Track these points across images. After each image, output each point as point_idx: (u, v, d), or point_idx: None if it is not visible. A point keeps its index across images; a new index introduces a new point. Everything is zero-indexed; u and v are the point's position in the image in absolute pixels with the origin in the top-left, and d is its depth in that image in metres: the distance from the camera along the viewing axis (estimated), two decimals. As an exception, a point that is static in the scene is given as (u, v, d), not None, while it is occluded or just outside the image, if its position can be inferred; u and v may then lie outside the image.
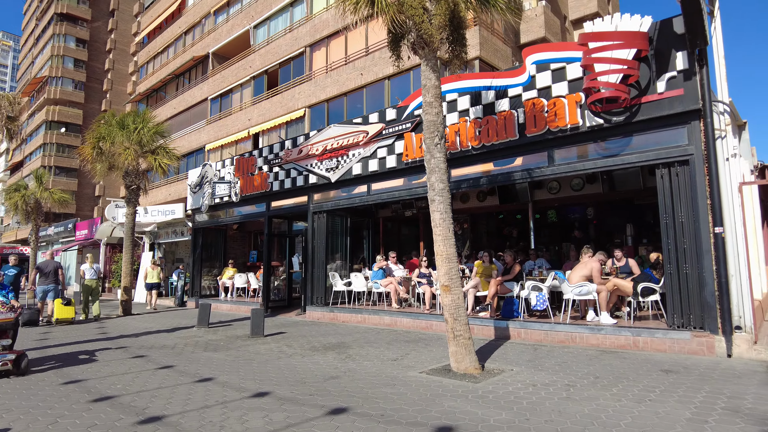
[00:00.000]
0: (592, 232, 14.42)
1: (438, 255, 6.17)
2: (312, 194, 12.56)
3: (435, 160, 6.29)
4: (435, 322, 9.49)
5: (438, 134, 6.32)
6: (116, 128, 13.48)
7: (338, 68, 19.03)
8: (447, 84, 9.66)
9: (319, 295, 12.08)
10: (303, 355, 7.23)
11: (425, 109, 6.42)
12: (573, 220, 14.69)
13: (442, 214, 6.19)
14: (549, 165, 8.43)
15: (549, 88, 8.34)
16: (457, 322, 5.98)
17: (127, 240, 14.11)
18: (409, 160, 10.17)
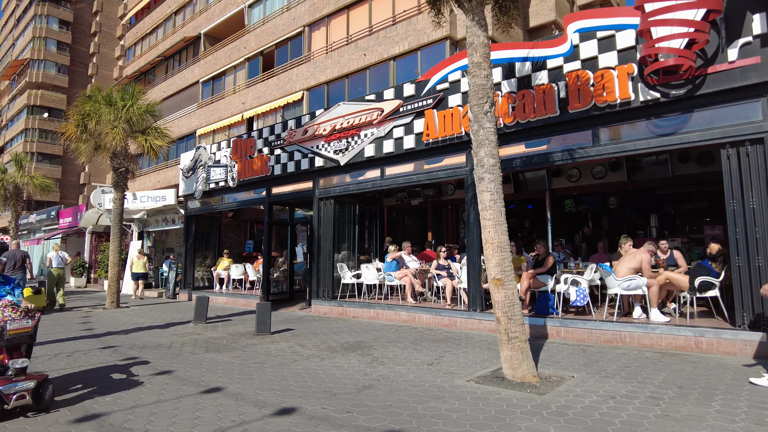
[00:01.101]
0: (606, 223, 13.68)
1: (488, 243, 5.26)
2: (318, 179, 11.57)
3: (484, 130, 5.36)
4: (459, 319, 8.61)
5: (488, 100, 5.39)
6: (103, 105, 12.31)
7: (339, 48, 17.96)
8: (474, 56, 8.72)
9: (325, 288, 11.13)
10: (321, 357, 6.30)
11: (472, 71, 5.48)
12: (591, 210, 13.92)
13: (492, 194, 5.27)
14: (594, 145, 7.55)
15: (595, 58, 7.44)
16: (512, 323, 5.09)
17: (115, 227, 13.01)
18: (430, 140, 9.22)
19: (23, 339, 4.25)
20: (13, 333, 4.13)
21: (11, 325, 4.11)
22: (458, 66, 8.86)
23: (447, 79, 9.01)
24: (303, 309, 11.67)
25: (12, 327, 4.12)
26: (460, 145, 8.90)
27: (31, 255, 23.65)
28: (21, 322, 4.20)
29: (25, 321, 4.24)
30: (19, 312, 4.30)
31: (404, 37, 16.00)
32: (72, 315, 11.30)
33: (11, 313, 4.26)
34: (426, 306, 9.40)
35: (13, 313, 4.27)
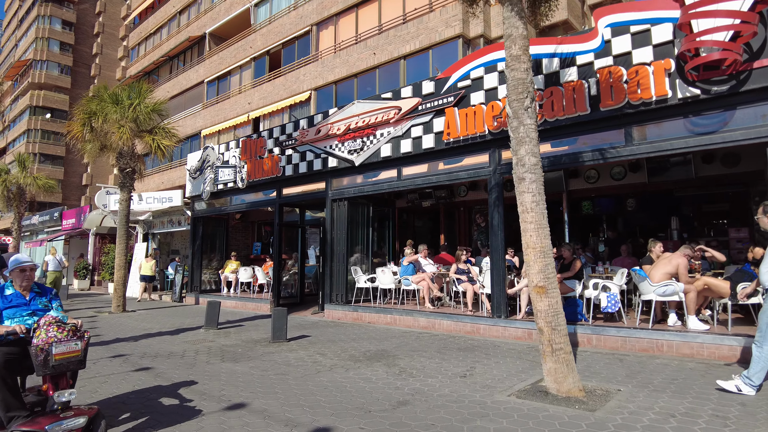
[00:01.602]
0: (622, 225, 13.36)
1: (529, 248, 4.92)
2: (331, 179, 11.24)
3: (525, 127, 5.02)
4: (482, 326, 8.26)
5: (528, 95, 5.06)
6: (109, 103, 11.99)
7: (348, 48, 17.64)
8: (498, 51, 8.37)
9: (339, 292, 10.79)
10: (345, 367, 5.96)
11: (511, 64, 5.14)
12: (609, 212, 13.59)
13: (534, 195, 4.93)
14: (626, 144, 7.21)
15: (628, 54, 7.10)
16: (556, 333, 4.74)
17: (121, 229, 12.68)
18: (450, 140, 8.88)
19: (71, 365, 3.44)
20: (60, 358, 3.34)
21: (57, 349, 3.33)
22: (480, 63, 8.53)
23: (469, 76, 8.68)
24: (315, 314, 11.33)
25: (59, 351, 3.33)
26: (483, 145, 8.56)
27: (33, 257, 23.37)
28: (69, 344, 3.39)
29: (74, 343, 3.43)
30: (66, 331, 3.45)
31: (415, 35, 15.69)
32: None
33: (56, 333, 3.40)
34: (446, 312, 9.05)
35: (59, 333, 3.41)
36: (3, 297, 3.76)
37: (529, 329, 7.76)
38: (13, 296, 3.79)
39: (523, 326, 7.85)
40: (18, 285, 3.84)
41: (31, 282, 3.90)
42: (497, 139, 8.33)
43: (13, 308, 3.71)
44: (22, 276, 3.84)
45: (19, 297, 3.80)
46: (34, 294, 3.91)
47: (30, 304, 3.81)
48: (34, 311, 3.79)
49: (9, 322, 3.66)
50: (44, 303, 3.93)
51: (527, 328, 7.80)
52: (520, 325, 7.88)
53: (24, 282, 3.84)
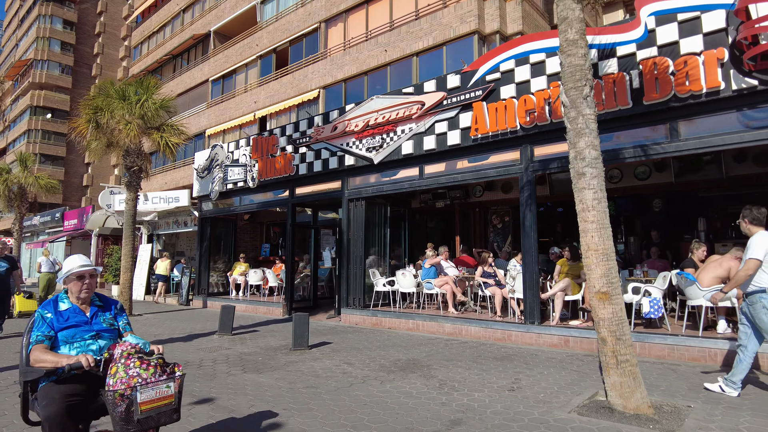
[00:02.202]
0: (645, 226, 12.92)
1: (589, 250, 4.48)
2: (347, 178, 10.79)
3: (584, 117, 4.59)
4: (514, 332, 7.81)
5: (587, 83, 4.62)
6: (116, 99, 11.54)
7: (358, 45, 17.23)
8: (530, 43, 7.95)
9: (356, 295, 10.34)
10: (378, 379, 5.50)
11: (567, 50, 4.71)
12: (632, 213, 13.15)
13: (596, 192, 4.49)
14: (672, 140, 6.77)
15: (675, 44, 6.66)
16: (621, 344, 4.29)
17: (128, 229, 12.22)
18: (478, 136, 8.44)
19: (163, 417, 2.47)
20: (149, 408, 2.39)
21: (144, 394, 2.38)
22: (511, 54, 8.08)
23: (498, 68, 8.24)
24: (331, 318, 10.87)
25: (146, 397, 2.38)
26: (514, 141, 8.12)
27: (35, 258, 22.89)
28: (159, 387, 2.44)
29: (165, 385, 2.46)
30: (152, 367, 2.49)
31: (428, 32, 15.28)
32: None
33: (140, 370, 2.45)
34: (474, 317, 8.60)
35: (144, 370, 2.45)
36: (58, 314, 2.82)
37: (565, 336, 7.32)
38: (71, 312, 2.86)
39: (559, 333, 7.40)
40: (75, 297, 2.91)
41: (92, 292, 2.97)
42: (529, 134, 7.90)
43: (71, 329, 2.79)
44: (80, 285, 2.89)
45: (78, 313, 2.88)
46: (95, 308, 2.97)
47: (92, 323, 2.89)
48: (98, 333, 2.88)
49: (67, 348, 2.75)
50: (109, 320, 2.98)
51: (563, 335, 7.35)
52: (555, 332, 7.43)
53: (83, 293, 2.90)
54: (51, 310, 2.84)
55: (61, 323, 2.79)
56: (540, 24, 16.11)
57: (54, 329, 2.76)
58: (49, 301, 2.91)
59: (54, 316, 2.81)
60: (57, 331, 2.76)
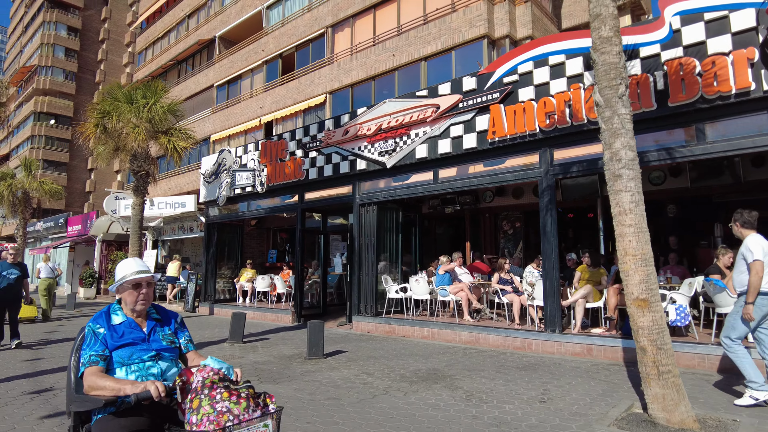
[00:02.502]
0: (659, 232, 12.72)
1: (627, 255, 4.29)
2: (358, 183, 10.61)
3: (619, 117, 4.40)
4: (534, 341, 7.59)
5: (622, 81, 4.45)
6: (123, 102, 11.41)
7: (365, 50, 17.12)
8: (549, 44, 7.82)
9: (368, 302, 10.13)
10: (402, 390, 5.29)
11: (600, 47, 4.54)
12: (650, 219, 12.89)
13: (633, 195, 4.31)
14: (698, 142, 6.59)
15: (702, 44, 6.50)
16: (662, 353, 4.08)
17: (134, 235, 12.04)
18: (496, 139, 8.26)
19: None
20: None
21: None
22: (529, 56, 7.96)
23: (516, 70, 8.08)
24: (342, 326, 10.65)
25: None
26: (533, 144, 7.94)
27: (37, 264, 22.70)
28: (256, 427, 1.91)
29: (262, 423, 1.93)
30: (242, 399, 1.94)
31: (437, 36, 15.17)
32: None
33: (229, 403, 1.91)
34: (492, 325, 8.38)
35: (234, 403, 1.91)
36: (111, 329, 2.35)
37: (588, 345, 7.10)
38: (125, 327, 2.38)
39: (581, 341, 7.18)
40: (130, 309, 2.42)
41: (149, 303, 2.47)
42: (549, 137, 7.73)
43: (128, 347, 2.31)
44: (136, 295, 2.40)
45: (134, 328, 2.39)
46: (152, 323, 2.47)
47: (150, 340, 2.40)
48: (159, 352, 2.37)
49: (123, 371, 2.28)
50: (168, 337, 2.48)
51: (586, 344, 7.13)
52: (577, 340, 7.21)
53: (139, 304, 2.40)
54: (103, 323, 2.35)
55: (116, 340, 2.30)
56: (549, 28, 16.02)
57: (108, 347, 2.27)
58: (100, 313, 2.42)
59: (107, 331, 2.32)
60: (111, 350, 2.27)
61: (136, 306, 2.40)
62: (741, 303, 4.63)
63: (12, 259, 8.01)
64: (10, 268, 7.89)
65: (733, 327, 4.68)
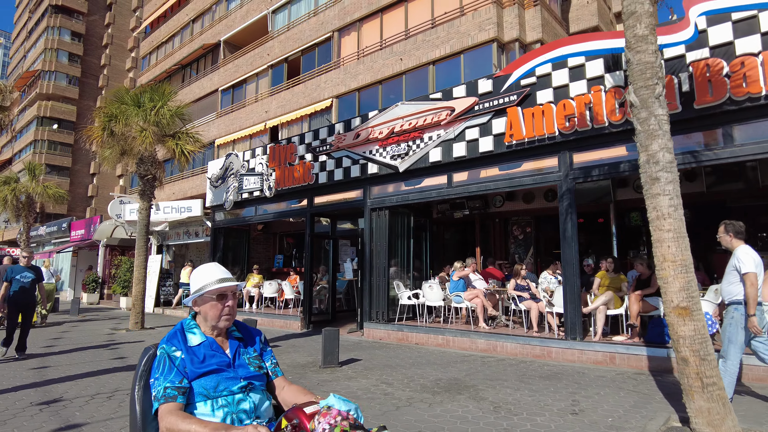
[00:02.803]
0: None
1: (666, 261, 4.10)
2: (369, 187, 10.45)
3: (656, 118, 4.23)
4: (554, 349, 7.38)
5: (659, 81, 4.27)
6: (131, 106, 11.27)
7: (372, 54, 17.02)
8: (568, 46, 7.65)
9: (380, 309, 9.93)
10: (425, 401, 5.09)
11: (635, 46, 4.37)
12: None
13: (672, 198, 4.13)
14: (725, 145, 6.43)
15: (730, 44, 6.35)
16: (705, 364, 3.89)
17: (140, 239, 11.86)
18: (513, 142, 8.10)
19: None
20: None
21: None
22: (548, 58, 7.78)
23: (534, 72, 7.93)
24: (353, 332, 10.44)
25: None
26: (552, 147, 7.78)
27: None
28: None
29: None
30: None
31: (445, 40, 15.06)
32: (94, 337, 10.10)
33: None
34: (509, 333, 8.18)
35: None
36: (189, 351, 1.90)
37: (611, 353, 6.90)
38: (206, 349, 1.93)
39: (603, 349, 6.98)
40: (210, 326, 1.98)
41: (233, 319, 2.04)
42: (569, 140, 7.56)
43: (212, 376, 1.86)
44: (220, 308, 1.97)
45: (216, 351, 1.94)
46: (236, 343, 2.03)
47: (235, 365, 1.95)
48: (249, 382, 1.92)
49: (209, 406, 1.83)
50: (255, 361, 2.02)
51: (608, 352, 6.93)
52: (600, 348, 7.01)
53: (223, 320, 1.97)
54: (180, 345, 1.88)
55: (197, 366, 1.85)
56: (559, 32, 15.91)
57: (188, 376, 1.82)
58: (174, 332, 1.95)
59: (186, 355, 1.86)
60: (192, 380, 1.82)
61: (219, 322, 1.95)
62: (731, 314, 4.58)
63: (26, 262, 7.73)
64: (23, 271, 7.62)
65: (729, 340, 4.55)
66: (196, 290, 1.97)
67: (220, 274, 2.01)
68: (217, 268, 2.06)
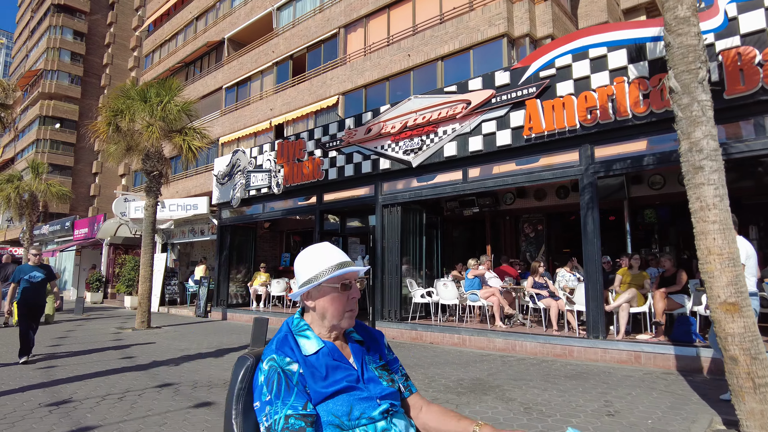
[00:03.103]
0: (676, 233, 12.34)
1: (711, 254, 3.88)
2: (381, 183, 10.24)
3: (699, 104, 4.02)
4: (576, 347, 7.16)
5: (702, 65, 4.06)
6: (137, 101, 11.07)
7: (379, 50, 16.80)
8: (588, 37, 7.44)
9: (392, 307, 9.72)
10: (451, 402, 4.87)
11: (676, 28, 4.15)
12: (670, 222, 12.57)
13: (717, 188, 3.91)
14: (758, 136, 6.21)
15: (762, 32, 6.12)
16: (757, 363, 3.67)
17: (147, 237, 11.67)
18: (533, 135, 7.88)
19: None
20: None
21: None
22: (568, 50, 7.56)
23: (553, 64, 7.71)
24: (364, 332, 10.23)
25: None
26: (572, 140, 7.56)
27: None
28: None
29: None
30: None
31: (454, 35, 14.84)
32: (100, 336, 9.90)
33: None
34: (529, 332, 7.96)
35: None
36: (306, 363, 1.40)
37: (636, 352, 6.68)
38: (327, 359, 1.43)
39: (628, 348, 6.76)
40: (329, 326, 1.48)
41: (354, 318, 1.52)
42: (590, 134, 7.34)
43: (342, 397, 1.37)
44: (344, 300, 1.48)
45: (340, 361, 1.45)
46: (358, 348, 1.52)
47: (365, 378, 1.45)
48: (391, 403, 1.43)
49: None
50: (384, 372, 1.52)
51: (633, 350, 6.71)
52: (623, 347, 6.79)
53: (347, 316, 1.48)
54: (294, 354, 1.39)
55: (320, 384, 1.35)
56: (569, 27, 15.69)
57: (311, 399, 1.33)
58: (284, 337, 1.46)
59: (305, 368, 1.37)
60: (316, 403, 1.33)
61: (342, 320, 1.46)
62: None
63: (36, 261, 7.34)
64: (32, 270, 7.20)
65: None
66: (309, 280, 1.45)
67: (339, 257, 1.48)
68: (333, 249, 1.51)
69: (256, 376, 1.40)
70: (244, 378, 1.44)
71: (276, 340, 1.46)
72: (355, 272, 1.49)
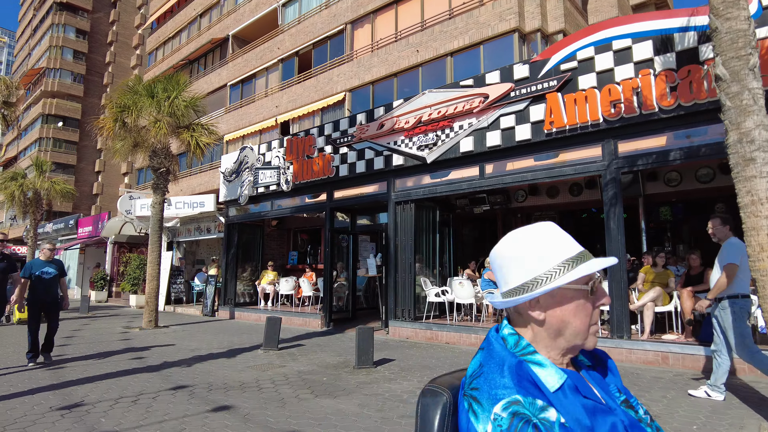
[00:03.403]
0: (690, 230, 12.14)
1: (764, 251, 3.66)
2: (394, 180, 10.03)
3: (750, 93, 3.79)
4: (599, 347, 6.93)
5: (753, 51, 3.84)
6: (144, 96, 10.86)
7: (387, 46, 16.59)
8: (612, 28, 7.24)
9: (406, 306, 9.51)
10: (479, 405, 4.66)
11: (724, 12, 3.93)
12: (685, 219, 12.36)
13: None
14: (792, 130, 5.97)
15: (797, 20, 5.91)
16: (815, 368, 3.46)
17: (154, 235, 11.47)
18: (553, 130, 7.66)
19: None
20: None
21: None
22: (590, 42, 7.37)
23: (575, 57, 7.49)
24: (377, 331, 10.01)
25: None
26: (595, 135, 7.34)
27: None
28: None
29: None
30: None
31: (463, 31, 14.62)
32: (108, 336, 9.71)
33: None
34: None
35: None
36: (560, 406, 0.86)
37: (663, 352, 6.47)
38: (573, 394, 0.90)
39: (654, 348, 6.55)
40: (563, 348, 0.97)
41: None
42: (613, 128, 7.12)
43: None
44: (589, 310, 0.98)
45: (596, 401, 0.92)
46: (595, 376, 1.05)
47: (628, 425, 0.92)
48: None
49: None
50: (629, 410, 1.00)
51: (659, 351, 6.50)
52: (650, 347, 6.58)
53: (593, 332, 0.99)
54: (543, 394, 0.87)
55: None
56: (581, 23, 15.46)
57: None
58: (511, 367, 0.90)
59: (565, 414, 0.86)
60: None
61: (587, 339, 0.98)
62: (731, 308, 4.57)
63: (48, 256, 7.00)
64: (44, 266, 6.85)
65: (741, 334, 4.49)
66: (535, 280, 0.95)
67: (577, 246, 0.99)
68: (565, 234, 1.00)
69: (468, 424, 0.88)
70: (445, 424, 0.93)
71: (501, 366, 0.91)
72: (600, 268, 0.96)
